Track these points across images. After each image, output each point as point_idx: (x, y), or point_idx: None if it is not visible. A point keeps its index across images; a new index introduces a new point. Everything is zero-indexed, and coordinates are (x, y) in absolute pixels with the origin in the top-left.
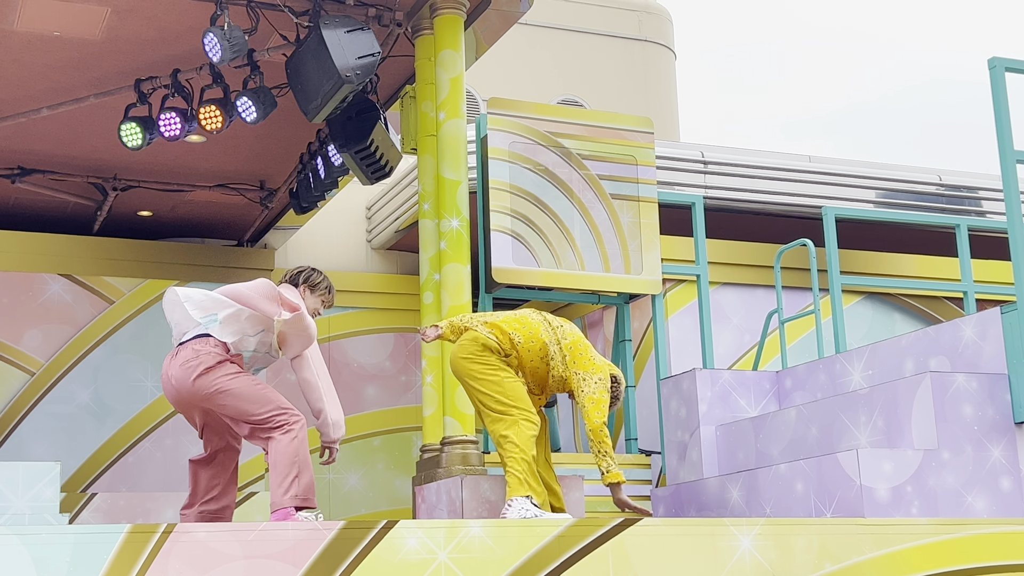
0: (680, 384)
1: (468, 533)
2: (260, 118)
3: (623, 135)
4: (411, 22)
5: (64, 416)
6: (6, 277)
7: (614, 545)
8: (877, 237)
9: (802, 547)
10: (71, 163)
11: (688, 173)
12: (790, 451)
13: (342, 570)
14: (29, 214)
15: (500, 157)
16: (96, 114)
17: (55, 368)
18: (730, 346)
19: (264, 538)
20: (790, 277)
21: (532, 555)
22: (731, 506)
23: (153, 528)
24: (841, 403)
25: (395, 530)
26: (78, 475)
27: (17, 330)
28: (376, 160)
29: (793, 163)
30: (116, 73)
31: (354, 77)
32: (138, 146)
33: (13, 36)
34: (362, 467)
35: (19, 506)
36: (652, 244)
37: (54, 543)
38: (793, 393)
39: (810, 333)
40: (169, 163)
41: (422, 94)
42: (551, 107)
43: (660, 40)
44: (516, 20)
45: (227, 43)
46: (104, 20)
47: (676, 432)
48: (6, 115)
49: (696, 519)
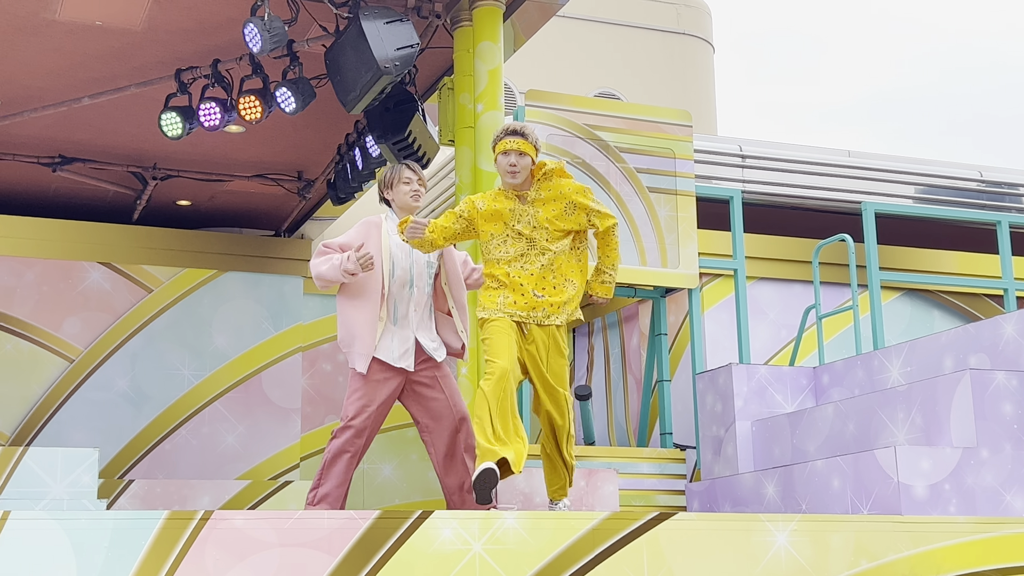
0: (716, 379)
1: (503, 525)
2: (299, 109)
3: (661, 128)
4: (450, 13)
5: (102, 403)
6: (46, 265)
7: (648, 539)
8: (916, 233)
9: (838, 544)
10: (111, 152)
11: (726, 167)
12: (827, 447)
13: (377, 559)
14: (69, 202)
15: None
16: (137, 103)
17: (94, 355)
18: (766, 341)
19: (300, 526)
20: (828, 272)
21: (566, 548)
22: (766, 502)
23: (191, 515)
24: (879, 400)
25: (430, 520)
26: (116, 461)
27: (57, 317)
28: (414, 151)
29: (832, 158)
30: (157, 63)
31: (393, 68)
32: (178, 136)
33: (55, 25)
34: (396, 458)
35: (58, 491)
36: (689, 238)
37: (93, 528)
38: (830, 389)
39: (848, 329)
40: (208, 153)
41: (460, 86)
42: (589, 99)
43: (698, 33)
44: (555, 12)
45: (267, 34)
46: (145, 10)
47: (711, 427)
48: (48, 104)
49: (731, 514)
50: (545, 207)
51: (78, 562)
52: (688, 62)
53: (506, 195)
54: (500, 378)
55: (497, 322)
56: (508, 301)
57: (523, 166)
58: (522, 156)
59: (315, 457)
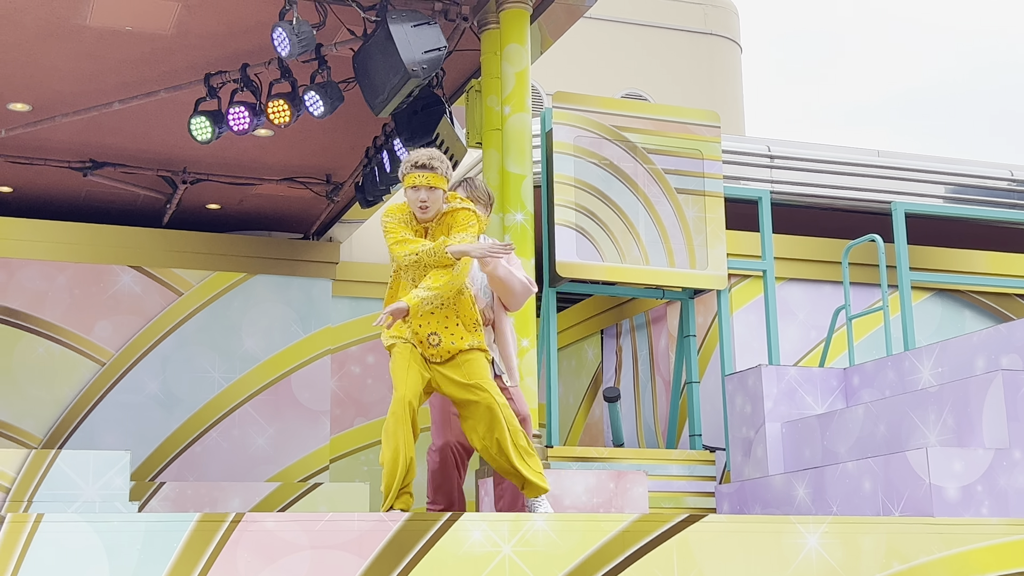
0: (745, 380)
1: (532, 527)
2: (327, 112)
3: (689, 129)
4: (477, 16)
5: (133, 406)
6: (78, 269)
7: (678, 541)
8: (947, 233)
9: (869, 546)
10: (142, 156)
11: (754, 167)
12: (858, 449)
13: (407, 561)
14: (100, 207)
15: (565, 151)
16: (166, 108)
17: (125, 358)
18: (796, 342)
19: (331, 528)
20: (858, 273)
21: (596, 550)
22: (797, 504)
23: (222, 517)
24: (910, 401)
25: (460, 523)
26: (147, 464)
27: (88, 321)
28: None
29: (861, 157)
30: (186, 67)
31: (420, 71)
32: (207, 140)
33: (86, 31)
34: (426, 460)
35: (90, 494)
36: (718, 239)
37: (125, 530)
38: (861, 390)
39: (878, 330)
40: (237, 157)
41: (487, 88)
42: (617, 101)
43: (726, 34)
44: (582, 14)
45: (295, 38)
46: (175, 15)
47: (741, 428)
48: (79, 109)
49: (762, 516)
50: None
51: (111, 564)
52: (716, 62)
53: (414, 227)
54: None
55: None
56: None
57: (433, 200)
58: (432, 191)
59: (344, 459)
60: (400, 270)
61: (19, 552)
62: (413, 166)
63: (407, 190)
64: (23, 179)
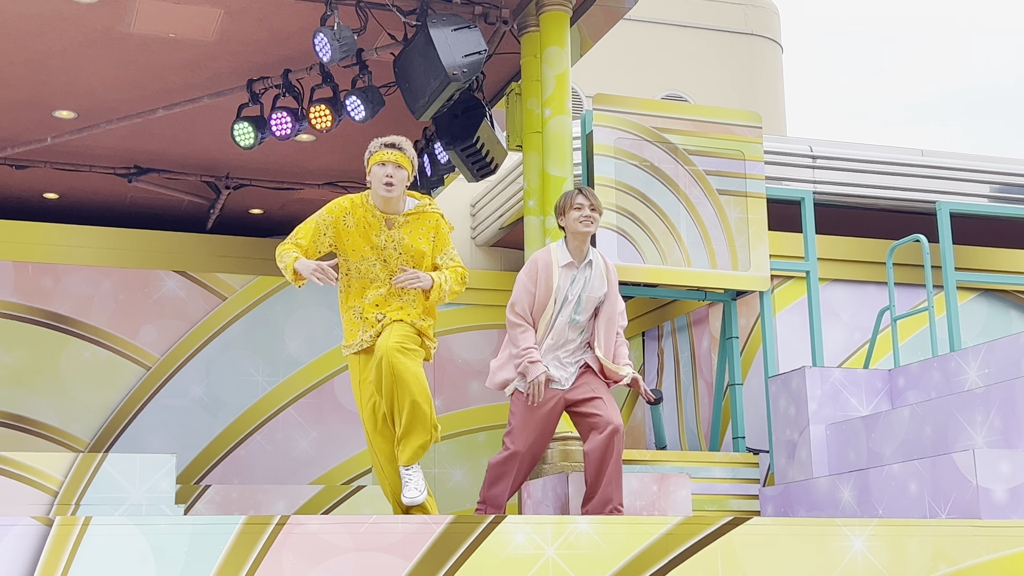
0: (789, 382)
1: (576, 529)
2: (368, 117)
3: (731, 130)
4: (517, 19)
5: (178, 409)
6: (123, 274)
7: (723, 544)
8: (993, 232)
9: (916, 549)
10: (185, 162)
11: (796, 168)
12: (903, 451)
13: (451, 564)
14: (145, 212)
15: (605, 153)
16: (209, 114)
17: (170, 363)
18: (839, 344)
19: (375, 531)
20: (902, 273)
21: (639, 553)
22: (842, 506)
23: (267, 520)
24: (956, 402)
25: (503, 525)
26: (191, 467)
27: (133, 325)
28: (482, 157)
29: (905, 157)
30: (229, 73)
31: (461, 75)
32: (250, 145)
33: (130, 39)
34: (467, 462)
35: (136, 497)
36: (760, 240)
37: (172, 533)
38: (906, 392)
39: (923, 331)
40: (279, 162)
41: (528, 91)
42: (657, 103)
43: (766, 34)
44: (621, 16)
45: (337, 43)
46: (217, 22)
47: (785, 431)
48: (123, 116)
49: (807, 519)
50: (411, 234)
51: (158, 567)
52: (756, 63)
53: (371, 218)
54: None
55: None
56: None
57: (399, 180)
58: (399, 169)
59: None
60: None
61: (68, 555)
62: (383, 144)
63: (374, 167)
64: (69, 186)
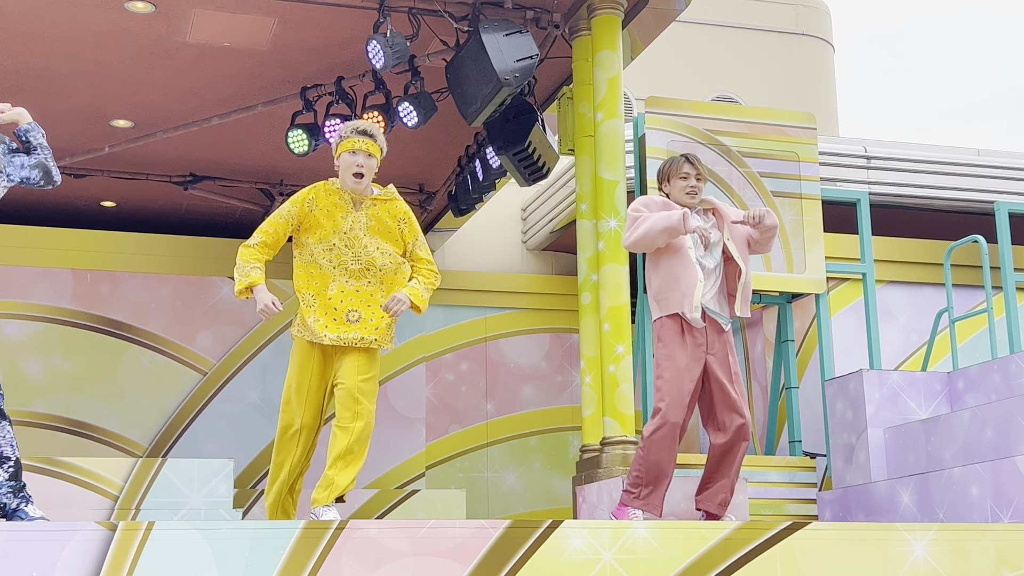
0: (846, 385)
1: (633, 534)
2: (421, 123)
3: (784, 131)
4: (568, 23)
5: (234, 414)
6: (179, 280)
7: (782, 549)
8: None
9: (978, 553)
10: (240, 169)
11: (851, 169)
12: (964, 454)
13: (509, 568)
14: (200, 219)
15: (658, 156)
16: (264, 122)
17: (226, 368)
18: (896, 346)
19: (433, 535)
20: (960, 275)
21: (698, 558)
22: (901, 511)
23: (326, 524)
24: (1018, 405)
25: (560, 529)
26: (248, 471)
27: (190, 332)
28: (534, 162)
29: (961, 157)
30: (283, 81)
31: (512, 80)
32: (304, 152)
33: (185, 48)
34: (519, 466)
35: (195, 501)
36: (815, 242)
37: (233, 538)
38: (966, 395)
39: (981, 332)
40: (333, 168)
41: (579, 95)
42: (710, 105)
43: (818, 33)
44: (673, 19)
45: (389, 50)
46: (272, 30)
47: (842, 434)
48: (179, 124)
49: (867, 523)
50: (378, 217)
51: (220, 571)
52: (808, 63)
53: (340, 195)
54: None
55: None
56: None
57: (369, 168)
58: (369, 157)
59: (440, 466)
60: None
61: (131, 559)
62: (355, 131)
63: (344, 154)
64: (126, 194)
